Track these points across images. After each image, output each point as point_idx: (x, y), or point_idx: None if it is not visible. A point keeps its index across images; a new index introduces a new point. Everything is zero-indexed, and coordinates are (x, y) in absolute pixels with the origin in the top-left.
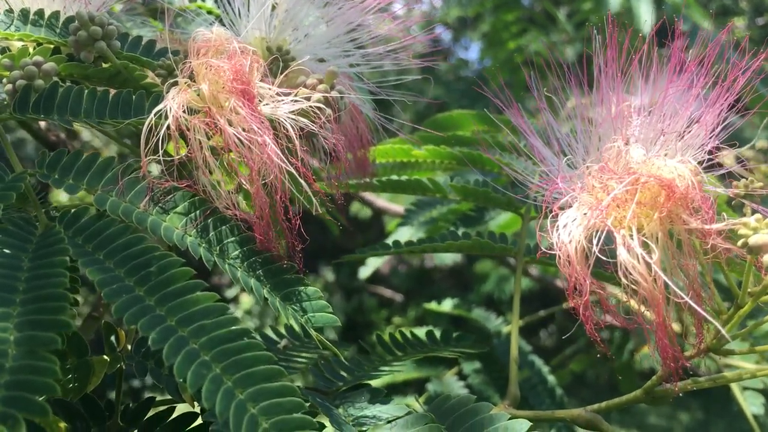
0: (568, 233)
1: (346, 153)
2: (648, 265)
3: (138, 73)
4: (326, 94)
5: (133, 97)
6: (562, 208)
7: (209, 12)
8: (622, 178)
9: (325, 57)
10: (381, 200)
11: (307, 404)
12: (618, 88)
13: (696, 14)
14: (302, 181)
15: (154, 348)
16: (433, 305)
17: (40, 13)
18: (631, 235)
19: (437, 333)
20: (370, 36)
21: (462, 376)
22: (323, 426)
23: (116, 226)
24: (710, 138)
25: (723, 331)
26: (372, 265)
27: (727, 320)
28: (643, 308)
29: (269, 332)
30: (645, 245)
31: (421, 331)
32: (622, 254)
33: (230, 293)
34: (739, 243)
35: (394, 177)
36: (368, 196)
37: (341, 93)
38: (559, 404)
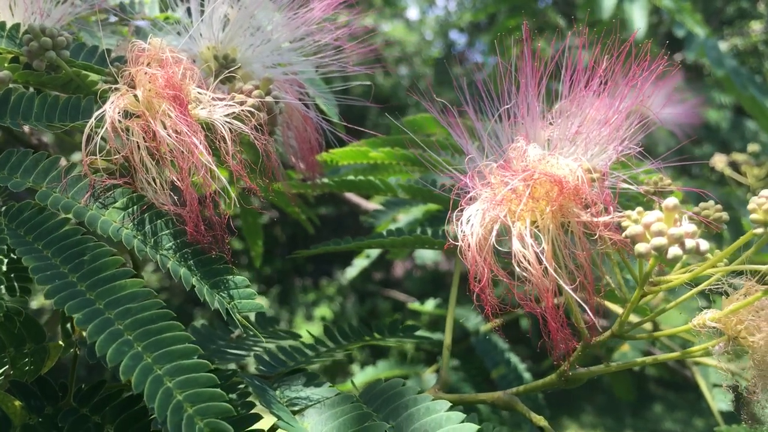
0: (470, 226)
1: (298, 156)
2: (537, 255)
3: (90, 80)
4: (260, 99)
5: (82, 101)
6: (468, 203)
7: (176, 22)
8: (516, 175)
9: (273, 64)
10: (366, 203)
11: (242, 386)
12: (534, 91)
13: (689, 20)
14: (224, 180)
15: (80, 327)
16: (416, 305)
17: (1, 25)
18: (524, 227)
19: (386, 323)
20: (318, 44)
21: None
22: (253, 405)
23: (55, 219)
24: (622, 139)
25: (595, 321)
26: (358, 266)
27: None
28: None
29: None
30: (537, 237)
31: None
32: (515, 245)
33: None
34: (623, 234)
35: (350, 177)
36: (355, 198)
37: (276, 98)
38: (533, 400)
